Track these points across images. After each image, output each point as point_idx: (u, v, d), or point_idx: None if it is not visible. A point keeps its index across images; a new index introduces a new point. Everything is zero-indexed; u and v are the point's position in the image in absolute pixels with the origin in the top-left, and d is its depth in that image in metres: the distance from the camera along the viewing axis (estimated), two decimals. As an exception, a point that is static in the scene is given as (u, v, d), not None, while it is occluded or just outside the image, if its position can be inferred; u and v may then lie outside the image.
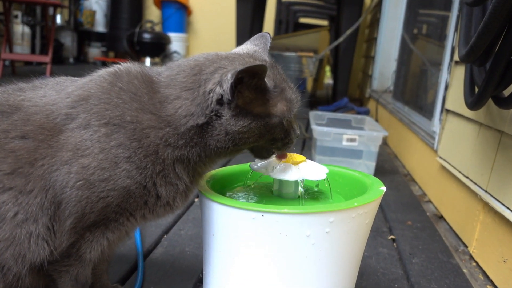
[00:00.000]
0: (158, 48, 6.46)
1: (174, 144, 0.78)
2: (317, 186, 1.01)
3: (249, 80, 0.76)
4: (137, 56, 6.49)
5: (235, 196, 0.95)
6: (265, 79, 0.79)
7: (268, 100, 0.80)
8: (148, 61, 6.47)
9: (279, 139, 0.84)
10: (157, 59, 6.60)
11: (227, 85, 0.75)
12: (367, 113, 3.82)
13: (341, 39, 4.17)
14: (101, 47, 7.05)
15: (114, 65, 0.84)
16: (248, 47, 0.92)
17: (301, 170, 0.92)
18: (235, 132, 0.78)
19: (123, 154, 0.76)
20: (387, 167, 2.43)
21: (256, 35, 0.95)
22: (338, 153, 2.22)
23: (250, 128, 0.79)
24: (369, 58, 4.54)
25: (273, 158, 0.93)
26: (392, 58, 3.80)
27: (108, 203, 0.78)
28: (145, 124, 0.78)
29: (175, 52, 6.73)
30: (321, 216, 0.78)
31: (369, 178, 0.97)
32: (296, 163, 0.92)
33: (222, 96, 0.76)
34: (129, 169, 0.77)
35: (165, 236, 1.38)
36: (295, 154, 0.95)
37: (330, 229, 0.79)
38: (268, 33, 0.95)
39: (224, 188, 1.00)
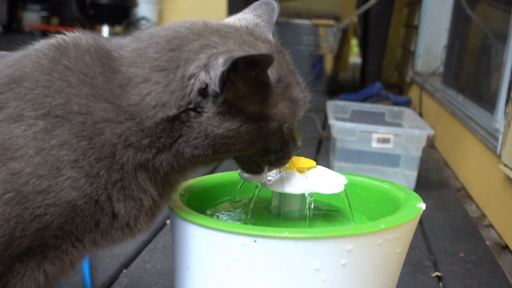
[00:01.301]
0: (120, 13, 6.48)
1: (137, 144, 0.80)
2: (330, 202, 1.03)
3: (247, 71, 0.78)
4: (91, 24, 6.50)
5: (219, 215, 0.97)
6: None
7: (267, 98, 0.82)
8: (105, 30, 6.49)
9: (273, 151, 0.86)
10: (118, 28, 6.62)
11: (216, 72, 0.77)
12: (407, 103, 3.85)
13: (372, 1, 4.20)
14: (41, 12, 7.06)
15: (58, 35, 0.86)
16: (247, 17, 0.93)
17: (310, 180, 0.94)
18: (218, 135, 0.80)
19: (68, 157, 0.78)
20: (434, 178, 2.45)
21: (259, 2, 0.96)
22: (365, 159, 2.24)
23: (239, 132, 0.81)
24: (411, 29, 4.57)
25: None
26: (442, 29, 3.82)
27: (47, 224, 0.79)
28: (99, 117, 0.79)
29: (143, 18, 6.75)
30: (335, 242, 0.80)
31: (403, 192, 0.99)
32: (302, 170, 0.95)
33: (206, 85, 0.78)
34: (75, 177, 0.78)
35: (124, 270, 1.40)
36: (301, 158, 0.97)
37: (347, 261, 0.81)
38: (276, 0, 0.96)
39: (204, 204, 1.02)
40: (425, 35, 4.09)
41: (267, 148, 0.85)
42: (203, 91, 0.78)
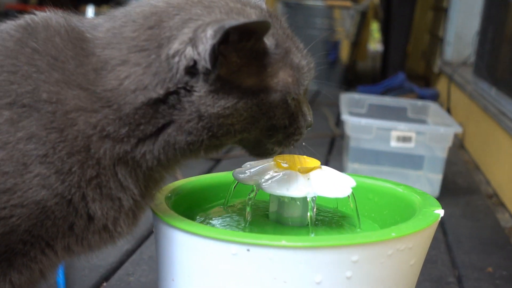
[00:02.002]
0: (107, -9, 6.48)
1: (115, 134, 0.81)
2: (337, 207, 1.03)
3: (241, 41, 0.79)
4: (74, 4, 6.51)
5: (210, 221, 0.98)
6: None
7: (265, 68, 0.83)
8: (90, 11, 6.50)
9: (280, 127, 0.86)
10: (105, 8, 6.63)
11: (205, 46, 0.77)
12: (434, 97, 3.85)
13: (395, -20, 4.20)
14: (18, -11, 7.07)
15: (26, 16, 0.87)
16: None
17: (313, 181, 0.94)
18: (214, 115, 0.81)
19: (36, 151, 0.79)
20: (462, 183, 2.45)
21: None
22: (383, 160, 2.24)
23: (236, 109, 0.81)
24: (440, 12, 4.56)
25: (269, 163, 0.96)
26: (475, 12, 3.81)
27: (13, 227, 0.80)
28: (71, 105, 0.80)
29: (134, -4, 6.77)
30: (339, 252, 0.80)
31: (420, 196, 0.99)
32: (304, 171, 0.95)
33: (195, 62, 0.79)
34: (44, 174, 0.79)
35: (104, 284, 1.40)
36: (304, 156, 0.98)
37: (352, 273, 0.81)
38: None
39: (193, 208, 1.03)
40: (456, 19, 4.09)
41: (272, 125, 0.85)
42: (191, 69, 0.79)
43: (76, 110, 0.80)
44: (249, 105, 0.82)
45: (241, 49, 0.80)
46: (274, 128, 0.86)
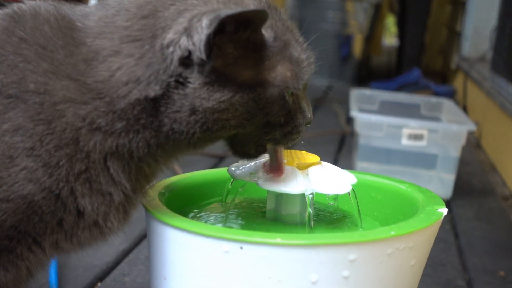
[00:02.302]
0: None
1: (107, 128, 0.81)
2: (335, 203, 1.04)
3: (237, 32, 0.79)
4: (76, -6, 6.54)
5: (203, 217, 0.98)
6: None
7: (262, 60, 0.83)
8: (92, 1, 6.53)
9: (277, 124, 0.86)
10: None
11: (200, 36, 0.78)
12: (451, 94, 3.84)
13: (411, -29, 4.19)
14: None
15: (15, 4, 0.88)
16: None
17: (312, 177, 0.95)
18: (207, 109, 0.81)
19: (23, 144, 0.79)
20: (476, 183, 2.44)
21: None
22: (394, 159, 2.24)
23: (232, 103, 0.81)
24: (458, 6, 4.55)
25: (266, 158, 0.96)
26: (494, 6, 3.80)
27: (-2, 223, 0.81)
28: (59, 96, 0.81)
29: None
30: (336, 251, 0.80)
31: (424, 194, 1.00)
32: (302, 167, 0.95)
33: (190, 53, 0.79)
34: (31, 167, 0.80)
35: (99, 284, 1.41)
36: (303, 152, 0.98)
37: (350, 273, 0.81)
38: None
39: (188, 205, 1.03)
40: (474, 12, 4.08)
41: (268, 122, 0.85)
42: (186, 60, 0.79)
43: (65, 102, 0.81)
44: (245, 100, 0.82)
45: (237, 40, 0.80)
46: (270, 124, 0.86)
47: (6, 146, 0.79)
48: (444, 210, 0.92)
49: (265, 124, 0.86)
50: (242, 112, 0.83)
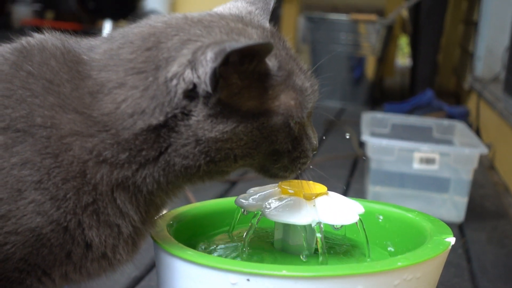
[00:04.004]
0: (125, 6, 6.55)
1: (113, 159, 0.82)
2: (346, 234, 1.04)
3: (243, 64, 0.80)
4: (91, 19, 6.59)
5: (213, 249, 0.99)
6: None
7: (266, 90, 0.84)
8: (108, 26, 6.57)
9: (284, 151, 0.87)
10: (123, 24, 6.70)
11: (205, 69, 0.79)
12: (464, 115, 3.82)
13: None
14: (33, 4, 7.16)
15: (24, 38, 0.89)
16: (238, 5, 0.96)
17: (319, 208, 0.95)
18: (211, 140, 0.82)
19: (31, 177, 0.80)
20: (490, 206, 2.43)
21: None
22: (407, 183, 2.23)
23: (235, 133, 0.82)
24: (471, 25, 4.55)
25: (274, 189, 0.97)
26: (507, 26, 3.80)
27: (7, 255, 0.82)
28: (66, 130, 0.82)
29: (152, 12, 6.82)
30: (342, 282, 0.80)
31: (432, 223, 0.99)
32: (309, 197, 0.96)
33: (195, 86, 0.80)
34: (39, 200, 0.81)
35: (110, 312, 1.41)
36: (311, 182, 0.98)
37: (356, 305, 0.82)
38: None
39: (197, 235, 1.04)
40: (486, 33, 4.07)
41: (275, 150, 0.86)
42: (190, 93, 0.80)
43: (72, 135, 0.82)
44: (249, 129, 0.83)
45: (243, 71, 0.81)
46: (277, 152, 0.87)
47: (15, 180, 0.80)
48: (452, 240, 0.92)
49: (273, 152, 0.87)
50: (247, 141, 0.83)
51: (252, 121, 0.83)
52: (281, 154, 0.87)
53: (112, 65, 0.84)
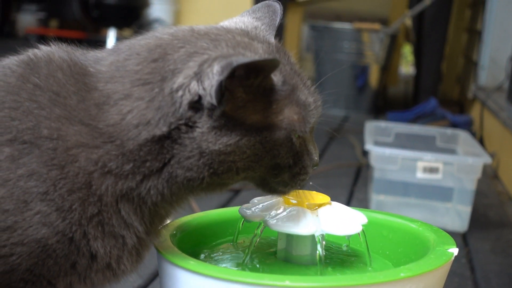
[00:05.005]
0: (129, 14, 6.56)
1: (118, 170, 0.83)
2: (349, 245, 1.04)
3: (248, 78, 0.81)
4: (96, 27, 6.62)
5: (216, 258, 0.99)
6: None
7: (270, 104, 0.84)
8: (112, 35, 6.59)
9: (285, 166, 0.88)
10: (127, 32, 6.72)
11: (211, 82, 0.79)
12: (468, 124, 3.82)
13: (427, 1, 4.20)
14: (38, 13, 7.18)
15: (31, 50, 0.90)
16: (245, 20, 0.97)
17: (322, 218, 0.96)
18: (215, 152, 0.83)
19: (37, 188, 0.81)
20: (493, 216, 2.43)
21: (259, 4, 1.00)
22: (411, 192, 2.24)
23: (239, 146, 0.83)
24: (474, 34, 4.56)
25: (277, 199, 0.97)
26: (510, 35, 3.80)
27: (13, 266, 0.82)
28: (72, 141, 0.83)
29: (156, 20, 6.84)
30: (345, 293, 0.81)
31: (435, 233, 1.00)
32: (312, 207, 0.96)
33: (200, 97, 0.81)
34: (45, 211, 0.82)
35: (114, 321, 1.42)
36: (314, 192, 0.99)
37: (359, 315, 0.82)
38: (278, 2, 1.00)
39: (201, 245, 1.04)
40: (490, 42, 4.07)
41: (277, 164, 0.87)
42: (195, 104, 0.81)
43: (77, 146, 0.83)
44: (252, 143, 0.83)
45: (248, 85, 0.82)
46: (279, 167, 0.87)
47: (21, 191, 0.81)
48: (455, 250, 0.93)
49: (274, 166, 0.87)
50: (250, 155, 0.84)
51: (255, 135, 0.83)
52: (282, 169, 0.88)
53: (118, 76, 0.85)
